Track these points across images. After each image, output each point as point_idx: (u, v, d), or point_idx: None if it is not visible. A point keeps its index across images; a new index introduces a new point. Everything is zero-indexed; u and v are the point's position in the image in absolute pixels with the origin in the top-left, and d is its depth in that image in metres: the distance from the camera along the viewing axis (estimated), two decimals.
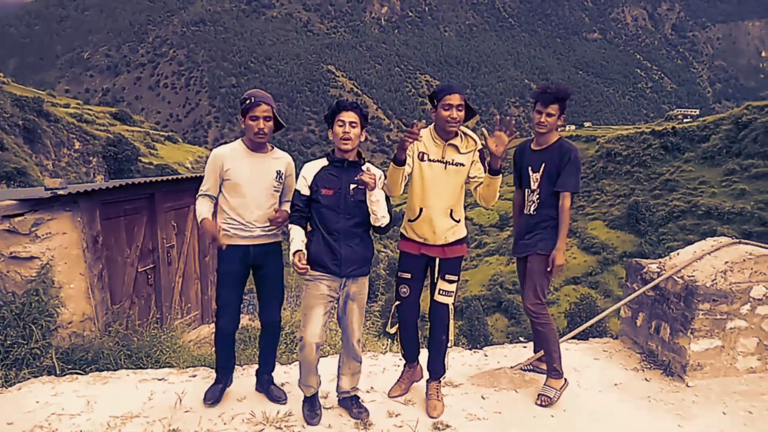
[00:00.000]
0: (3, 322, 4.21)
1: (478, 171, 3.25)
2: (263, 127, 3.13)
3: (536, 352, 3.97)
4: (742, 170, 52.15)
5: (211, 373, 3.69)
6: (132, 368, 4.16)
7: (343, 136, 2.99)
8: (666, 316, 4.01)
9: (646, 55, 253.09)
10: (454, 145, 3.22)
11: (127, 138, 49.75)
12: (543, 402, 3.47)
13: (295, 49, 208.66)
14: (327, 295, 3.05)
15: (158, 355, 4.77)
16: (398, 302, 3.37)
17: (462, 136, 3.26)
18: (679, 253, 4.24)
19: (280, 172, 3.27)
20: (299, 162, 3.07)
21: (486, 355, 4.32)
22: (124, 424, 3.12)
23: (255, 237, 3.23)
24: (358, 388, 3.32)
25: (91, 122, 53.32)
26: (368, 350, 4.66)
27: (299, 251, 2.97)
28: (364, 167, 3.02)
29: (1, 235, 4.63)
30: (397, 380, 3.61)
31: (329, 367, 3.64)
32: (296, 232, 3.04)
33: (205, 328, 7.20)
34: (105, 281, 5.32)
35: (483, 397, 3.57)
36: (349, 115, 2.99)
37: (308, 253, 3.02)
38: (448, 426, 3.20)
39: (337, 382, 3.29)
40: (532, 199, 3.60)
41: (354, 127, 3.00)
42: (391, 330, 3.50)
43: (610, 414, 3.42)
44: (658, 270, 4.18)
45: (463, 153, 3.23)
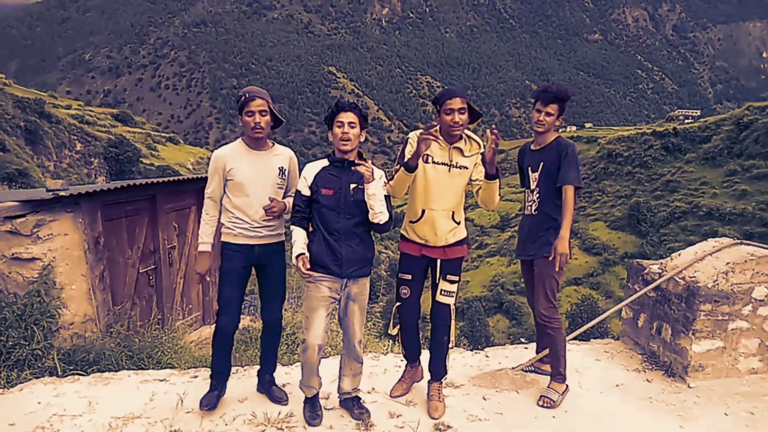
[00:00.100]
0: (5, 323, 4.22)
1: (480, 174, 3.25)
2: (260, 122, 3.12)
3: (538, 353, 3.97)
4: (743, 171, 52.05)
5: None
6: (133, 369, 4.16)
7: (342, 137, 2.99)
8: (667, 317, 4.00)
9: (647, 56, 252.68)
10: (458, 148, 3.23)
11: (129, 139, 49.72)
12: (545, 404, 3.47)
13: (296, 51, 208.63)
14: (328, 296, 3.06)
15: (160, 356, 4.78)
16: (399, 303, 3.38)
17: (466, 140, 3.26)
18: (680, 254, 4.23)
19: (282, 168, 3.28)
20: (301, 163, 3.08)
21: (487, 356, 4.32)
22: (125, 425, 3.12)
23: (261, 237, 3.23)
24: (360, 389, 3.32)
25: (93, 123, 53.33)
26: (369, 351, 4.66)
27: (302, 254, 2.98)
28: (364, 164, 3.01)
29: (3, 237, 4.64)
30: (399, 380, 3.62)
31: (330, 368, 3.64)
32: (298, 234, 3.05)
33: (206, 329, 7.20)
34: (106, 282, 5.32)
35: (484, 398, 3.57)
36: (347, 116, 2.99)
37: (310, 254, 3.02)
38: (449, 427, 3.20)
39: (339, 383, 3.29)
40: (533, 199, 3.60)
41: (353, 128, 3.00)
42: (392, 331, 3.50)
43: (611, 415, 3.41)
44: (660, 271, 4.17)
45: (467, 156, 3.24)
